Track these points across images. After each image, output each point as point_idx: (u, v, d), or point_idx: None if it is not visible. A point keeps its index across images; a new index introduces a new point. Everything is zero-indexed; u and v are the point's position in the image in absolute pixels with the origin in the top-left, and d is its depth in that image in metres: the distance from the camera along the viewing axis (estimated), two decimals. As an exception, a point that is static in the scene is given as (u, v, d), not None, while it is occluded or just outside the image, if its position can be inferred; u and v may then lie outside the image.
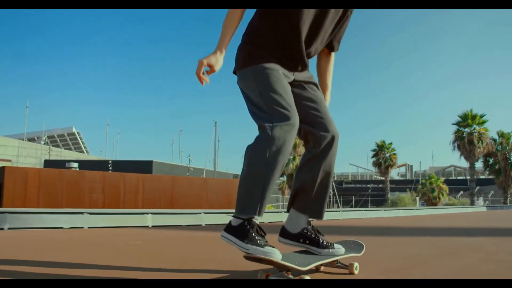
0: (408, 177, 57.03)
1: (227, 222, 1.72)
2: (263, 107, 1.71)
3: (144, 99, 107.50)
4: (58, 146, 49.37)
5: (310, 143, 1.87)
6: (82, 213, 5.89)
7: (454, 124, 25.54)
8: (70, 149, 52.50)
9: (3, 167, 12.13)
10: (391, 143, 29.34)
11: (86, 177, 13.06)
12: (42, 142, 45.14)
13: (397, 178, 54.87)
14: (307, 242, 1.86)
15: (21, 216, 5.20)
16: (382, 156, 28.74)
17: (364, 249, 2.05)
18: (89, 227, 5.66)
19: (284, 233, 1.91)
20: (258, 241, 1.59)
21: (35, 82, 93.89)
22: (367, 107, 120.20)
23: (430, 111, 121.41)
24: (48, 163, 32.03)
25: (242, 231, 1.62)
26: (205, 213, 6.72)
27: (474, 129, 24.80)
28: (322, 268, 1.99)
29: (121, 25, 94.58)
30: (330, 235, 2.17)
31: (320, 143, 1.82)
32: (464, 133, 24.88)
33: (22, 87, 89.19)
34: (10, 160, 35.44)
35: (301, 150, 25.70)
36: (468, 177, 49.48)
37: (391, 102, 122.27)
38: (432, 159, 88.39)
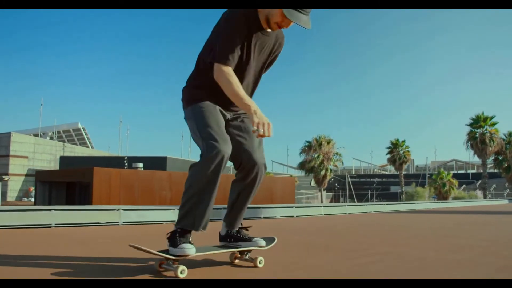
0: (411, 171, 59.37)
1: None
2: (200, 139, 1.99)
3: (151, 95, 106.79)
4: (63, 141, 49.74)
5: (241, 167, 2.17)
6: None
7: (467, 125, 27.96)
8: (75, 144, 52.97)
9: (92, 168, 13.62)
10: (404, 141, 31.38)
11: (156, 176, 14.65)
12: (48, 138, 45.68)
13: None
14: (232, 240, 2.22)
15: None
16: (397, 153, 30.88)
17: (274, 243, 2.30)
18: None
19: (220, 236, 2.31)
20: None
21: (41, 77, 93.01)
22: (368, 103, 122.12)
23: (430, 107, 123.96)
24: (64, 160, 32.08)
25: (174, 238, 1.97)
26: (263, 207, 7.47)
27: (486, 129, 27.26)
28: (236, 261, 2.28)
29: (130, 21, 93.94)
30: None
31: (248, 170, 2.15)
32: (477, 133, 27.32)
33: (28, 82, 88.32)
34: (26, 157, 35.47)
35: (325, 149, 27.52)
36: (469, 171, 52.73)
37: (393, 97, 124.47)
38: (434, 153, 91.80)
